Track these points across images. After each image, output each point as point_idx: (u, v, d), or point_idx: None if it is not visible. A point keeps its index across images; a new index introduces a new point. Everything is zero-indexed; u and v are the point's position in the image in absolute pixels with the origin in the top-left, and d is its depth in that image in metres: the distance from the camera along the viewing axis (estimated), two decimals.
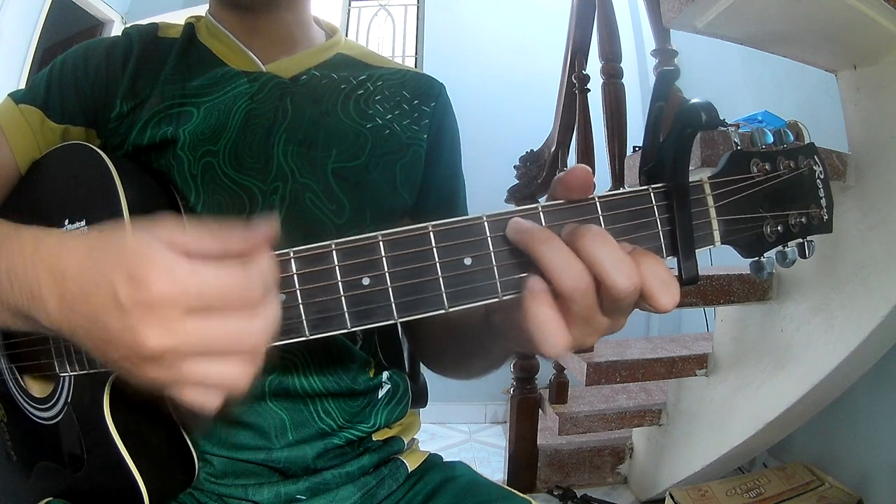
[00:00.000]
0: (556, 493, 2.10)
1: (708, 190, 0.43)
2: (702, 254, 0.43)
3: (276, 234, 0.40)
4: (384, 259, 0.42)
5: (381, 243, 0.42)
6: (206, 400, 0.39)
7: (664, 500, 1.78)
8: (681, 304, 1.64)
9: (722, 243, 0.43)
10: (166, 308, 0.36)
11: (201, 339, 0.37)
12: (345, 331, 0.43)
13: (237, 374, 0.38)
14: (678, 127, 0.40)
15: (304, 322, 0.43)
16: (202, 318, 0.37)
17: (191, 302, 0.36)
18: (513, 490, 0.71)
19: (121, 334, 0.37)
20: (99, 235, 0.40)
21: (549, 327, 0.40)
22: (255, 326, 0.38)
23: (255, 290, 0.38)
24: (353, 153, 0.71)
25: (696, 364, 1.83)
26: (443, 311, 0.42)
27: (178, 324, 0.36)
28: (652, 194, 0.42)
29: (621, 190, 0.42)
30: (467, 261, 0.41)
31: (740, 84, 2.40)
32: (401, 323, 0.78)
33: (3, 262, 0.43)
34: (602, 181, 1.72)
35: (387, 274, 0.42)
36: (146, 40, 0.75)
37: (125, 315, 0.36)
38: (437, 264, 0.41)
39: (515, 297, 0.43)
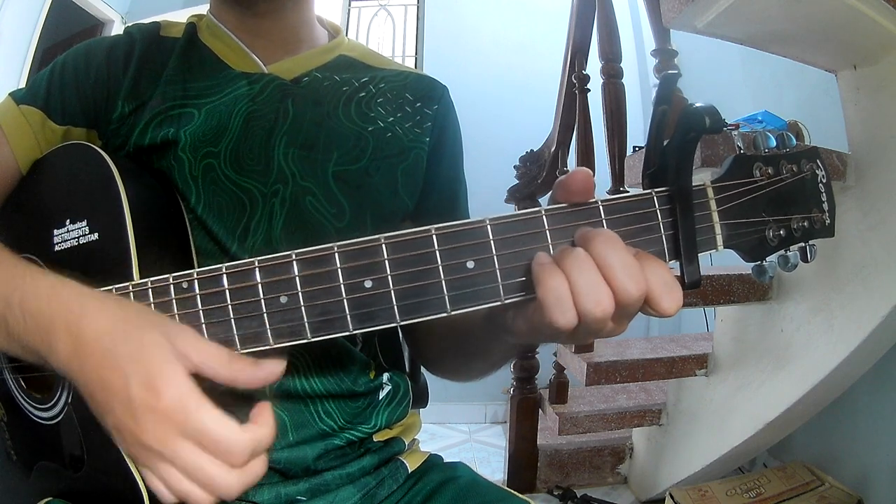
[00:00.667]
0: (556, 493, 2.10)
1: (711, 194, 0.43)
2: (702, 254, 0.43)
3: (281, 375, 0.45)
4: (386, 262, 0.42)
5: (383, 246, 0.42)
6: (165, 495, 0.43)
7: (664, 500, 1.78)
8: None
9: (725, 247, 0.43)
10: (168, 422, 0.41)
11: (184, 463, 0.42)
12: (346, 333, 0.43)
13: (199, 498, 0.43)
14: (681, 131, 0.40)
15: (306, 324, 0.43)
16: (193, 447, 0.41)
17: (188, 432, 0.41)
18: (512, 491, 0.71)
19: (122, 416, 0.42)
20: (122, 314, 0.45)
21: (567, 299, 0.40)
22: (230, 479, 0.42)
23: (243, 456, 0.42)
24: (354, 156, 0.71)
25: (696, 364, 1.83)
26: (445, 315, 0.41)
27: (174, 440, 0.41)
28: (655, 198, 0.42)
29: (624, 193, 0.42)
30: (470, 264, 0.41)
31: (740, 84, 2.40)
32: (401, 326, 0.79)
33: (17, 298, 0.47)
34: (602, 181, 1.72)
35: (389, 277, 0.42)
36: (148, 40, 0.74)
37: (133, 406, 0.41)
38: (440, 267, 0.41)
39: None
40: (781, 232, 0.44)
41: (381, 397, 0.73)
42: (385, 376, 0.74)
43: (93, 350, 0.43)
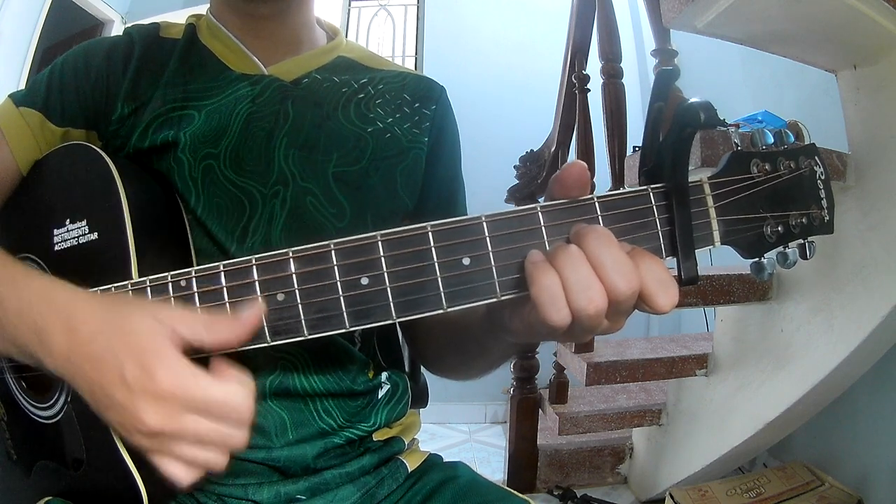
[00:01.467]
0: (556, 493, 2.10)
1: (708, 190, 0.43)
2: (702, 254, 0.43)
3: (260, 319, 0.45)
4: (383, 259, 0.42)
5: (379, 243, 0.42)
6: (183, 475, 0.44)
7: (664, 500, 1.78)
8: (681, 304, 1.64)
9: (722, 243, 0.43)
10: (168, 401, 0.42)
11: (194, 433, 0.43)
12: (343, 331, 0.43)
13: (216, 461, 0.44)
14: (677, 127, 0.40)
15: (303, 322, 0.43)
16: (198, 417, 0.42)
17: (191, 403, 0.42)
18: (512, 490, 0.71)
19: (122, 405, 0.43)
20: (114, 308, 0.46)
21: (560, 297, 0.40)
22: (241, 434, 0.44)
23: (250, 409, 0.44)
24: (353, 157, 0.71)
25: (696, 364, 1.83)
26: (441, 312, 0.41)
27: (177, 416, 0.42)
28: (651, 194, 0.42)
29: (621, 190, 0.42)
30: (466, 261, 0.41)
31: (740, 84, 2.40)
32: (400, 325, 0.79)
33: (13, 305, 0.48)
34: (602, 181, 1.72)
35: (385, 274, 0.42)
36: (147, 41, 0.74)
37: (130, 393, 0.42)
38: (436, 264, 0.41)
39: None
40: (779, 228, 0.44)
41: (380, 396, 0.73)
42: (384, 375, 0.74)
43: (87, 351, 0.44)
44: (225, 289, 0.45)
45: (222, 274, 0.45)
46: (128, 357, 0.42)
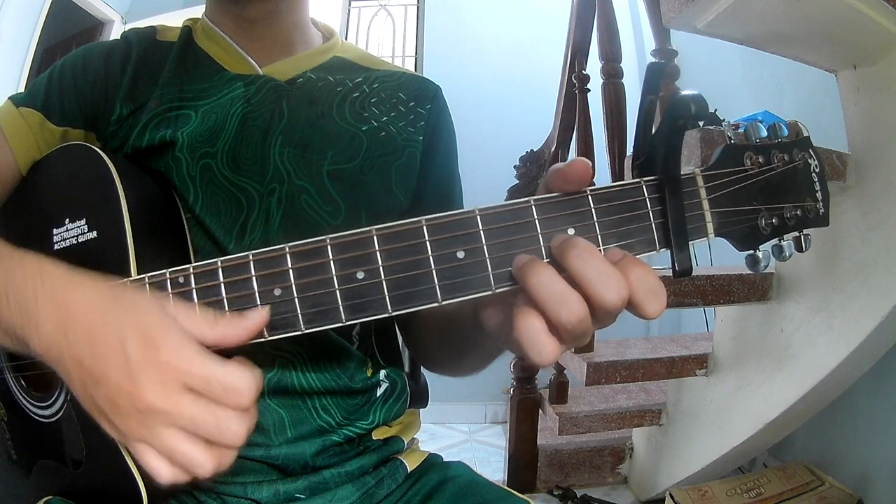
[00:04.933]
0: (556, 493, 2.10)
1: (700, 182, 0.43)
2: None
3: (265, 322, 0.44)
4: (378, 253, 0.42)
5: (374, 237, 0.42)
6: (162, 472, 0.41)
7: (664, 500, 1.78)
8: (681, 304, 1.64)
9: (716, 235, 0.43)
10: (170, 374, 0.40)
11: (191, 416, 0.40)
12: (339, 324, 0.43)
13: (203, 460, 0.41)
14: (669, 119, 0.40)
15: (300, 316, 0.43)
16: (197, 398, 0.40)
17: (191, 381, 0.40)
18: (511, 490, 0.71)
19: (118, 379, 0.40)
20: (110, 284, 0.44)
21: (538, 339, 0.40)
22: (240, 425, 0.41)
23: (252, 395, 0.41)
24: (348, 155, 0.72)
25: (696, 364, 1.83)
26: (436, 304, 0.42)
27: (176, 393, 0.40)
28: (644, 187, 0.42)
29: (613, 183, 0.42)
30: (460, 254, 0.42)
31: (740, 84, 2.40)
32: (398, 324, 0.79)
33: (1, 278, 0.46)
34: (602, 181, 1.72)
35: (381, 268, 0.42)
36: (144, 44, 0.75)
37: (129, 364, 0.40)
38: (431, 257, 0.42)
39: (503, 304, 0.45)
40: (774, 220, 0.44)
41: (378, 394, 0.73)
42: (382, 373, 0.74)
43: (82, 320, 0.42)
44: (222, 284, 0.45)
45: (220, 270, 0.45)
46: (131, 330, 0.40)
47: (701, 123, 1.24)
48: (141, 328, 0.40)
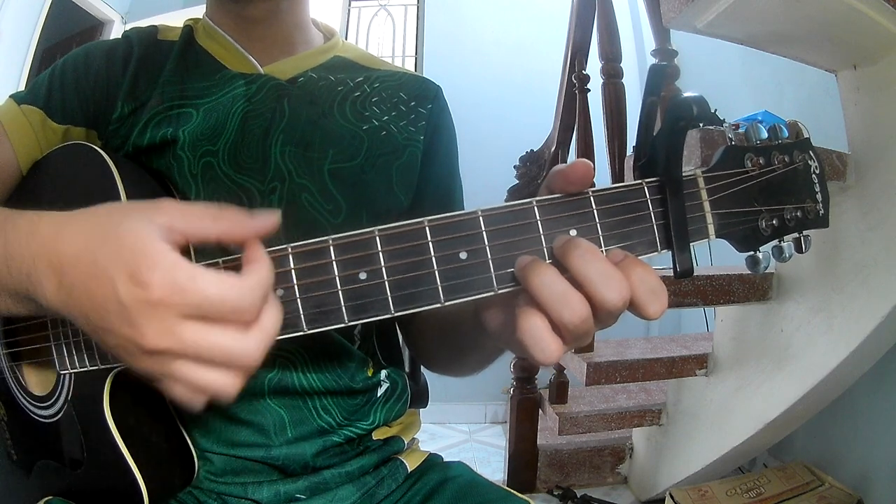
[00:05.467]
0: (556, 493, 2.10)
1: (702, 184, 0.43)
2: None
3: (276, 226, 0.42)
4: (381, 254, 0.42)
5: (377, 238, 0.42)
6: (191, 399, 0.40)
7: (664, 500, 1.78)
8: (681, 304, 1.64)
9: (717, 237, 0.43)
10: (165, 310, 0.37)
11: (196, 346, 0.38)
12: (342, 325, 0.43)
13: (224, 384, 0.40)
14: (670, 120, 0.40)
15: (302, 316, 0.43)
16: (198, 326, 0.38)
17: (189, 310, 0.37)
18: (511, 490, 0.71)
19: (120, 327, 0.38)
20: (96, 220, 0.41)
21: (542, 339, 0.40)
22: (248, 343, 0.39)
23: (253, 306, 0.39)
24: (349, 154, 0.72)
25: (696, 364, 1.83)
26: (439, 305, 0.42)
27: (176, 327, 0.38)
28: (646, 188, 0.43)
29: (615, 184, 0.42)
30: (463, 255, 0.42)
31: (740, 84, 2.40)
32: (398, 324, 0.79)
33: (1, 248, 0.44)
34: (602, 181, 1.72)
35: (383, 268, 0.42)
36: (146, 43, 0.75)
37: (125, 310, 0.38)
38: (433, 258, 0.42)
39: (505, 305, 0.45)
40: (774, 221, 0.44)
41: (379, 394, 0.73)
42: (383, 373, 0.74)
43: (76, 272, 0.40)
44: None
45: (221, 270, 0.45)
46: (118, 269, 0.38)
47: (701, 124, 1.25)
48: (128, 267, 0.38)
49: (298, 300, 0.43)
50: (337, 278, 0.42)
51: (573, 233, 0.42)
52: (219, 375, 0.39)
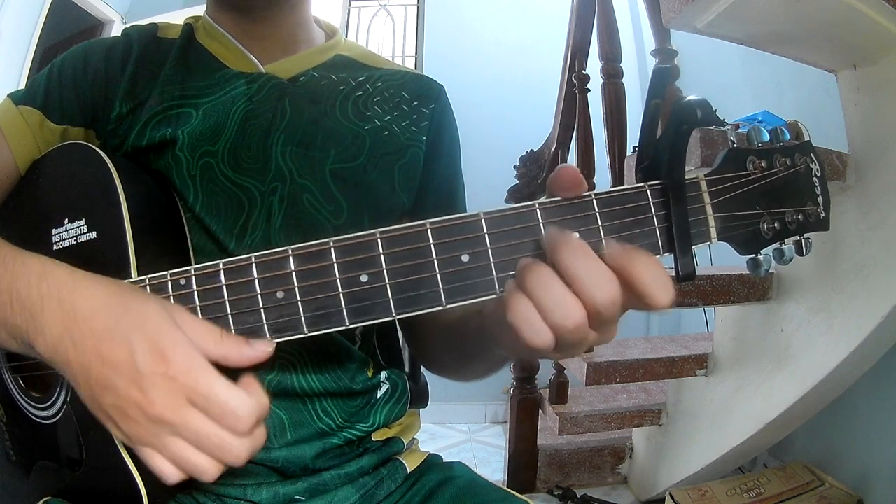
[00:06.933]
0: (556, 493, 2.10)
1: (704, 187, 0.43)
2: (702, 254, 0.43)
3: (270, 355, 0.44)
4: (382, 256, 0.42)
5: (379, 240, 0.42)
6: (169, 474, 0.42)
7: (664, 500, 1.78)
8: (681, 304, 1.64)
9: (719, 240, 0.43)
10: (178, 387, 0.40)
11: (196, 428, 0.41)
12: (343, 328, 0.43)
13: (207, 468, 0.42)
14: (674, 124, 0.40)
15: (303, 319, 0.43)
16: (200, 414, 0.41)
17: (196, 396, 0.41)
18: (511, 491, 0.71)
19: (127, 389, 0.41)
20: (118, 289, 0.44)
21: (533, 320, 0.40)
22: (238, 446, 0.42)
23: (250, 421, 0.42)
24: (351, 154, 0.71)
25: (696, 364, 1.83)
26: (440, 308, 0.42)
27: (183, 407, 0.40)
28: (648, 191, 0.43)
29: (618, 187, 0.42)
30: (465, 257, 0.42)
31: (740, 84, 2.40)
32: (400, 325, 0.79)
33: (5, 281, 0.45)
34: (602, 181, 1.72)
35: (385, 271, 0.42)
36: (145, 41, 0.75)
37: (139, 375, 0.40)
38: (435, 261, 0.42)
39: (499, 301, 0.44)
40: (776, 225, 0.44)
41: (379, 396, 0.73)
42: (383, 374, 0.74)
43: (90, 326, 0.42)
44: (224, 287, 0.45)
45: (222, 272, 0.45)
46: (139, 337, 0.41)
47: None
48: (152, 339, 0.41)
49: (299, 303, 0.43)
50: (338, 281, 0.42)
51: (575, 236, 0.42)
52: (205, 460, 0.42)
